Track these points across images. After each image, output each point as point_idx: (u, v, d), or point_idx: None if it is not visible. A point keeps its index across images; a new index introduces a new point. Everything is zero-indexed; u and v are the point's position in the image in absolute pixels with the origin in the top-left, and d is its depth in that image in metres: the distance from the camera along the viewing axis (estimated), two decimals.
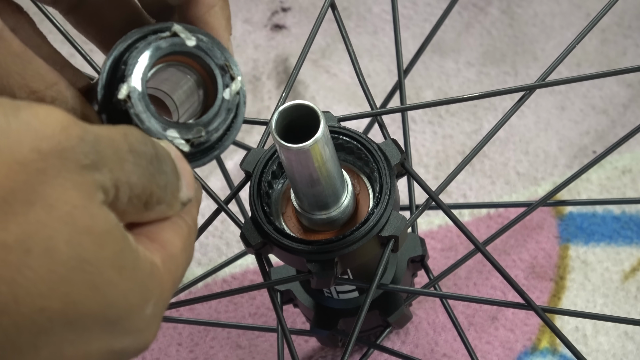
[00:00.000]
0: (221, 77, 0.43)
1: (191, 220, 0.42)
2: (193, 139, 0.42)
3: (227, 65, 0.43)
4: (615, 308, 0.67)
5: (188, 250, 0.40)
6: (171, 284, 0.38)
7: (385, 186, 0.52)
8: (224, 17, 0.46)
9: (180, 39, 0.43)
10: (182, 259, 0.40)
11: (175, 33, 0.43)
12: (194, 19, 0.46)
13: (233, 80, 0.43)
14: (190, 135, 0.42)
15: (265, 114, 0.77)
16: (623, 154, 0.73)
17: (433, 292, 0.59)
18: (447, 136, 0.75)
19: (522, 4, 0.81)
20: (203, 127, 0.42)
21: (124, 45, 0.42)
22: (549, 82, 0.60)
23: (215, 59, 0.43)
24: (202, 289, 0.71)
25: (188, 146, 0.42)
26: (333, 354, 0.67)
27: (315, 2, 0.83)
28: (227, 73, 0.43)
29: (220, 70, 0.43)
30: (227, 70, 0.43)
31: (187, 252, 0.40)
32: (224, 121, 0.43)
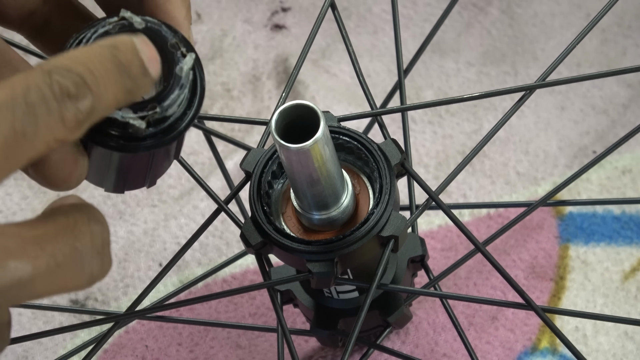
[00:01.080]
0: (172, 54, 0.43)
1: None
2: (148, 115, 0.42)
3: (178, 43, 0.43)
4: (615, 308, 0.67)
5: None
6: None
7: (385, 186, 0.52)
8: (184, 6, 0.46)
9: (129, 22, 0.43)
10: None
11: (124, 18, 0.43)
12: (154, 9, 0.46)
13: (185, 57, 0.43)
14: (144, 112, 0.42)
15: (265, 114, 0.77)
16: (623, 154, 0.73)
17: (433, 292, 0.59)
18: (447, 136, 0.75)
19: (522, 4, 0.81)
20: (157, 103, 0.42)
21: (77, 36, 0.43)
22: (549, 82, 0.60)
23: (165, 38, 0.43)
24: (202, 289, 0.71)
25: (145, 123, 0.42)
26: (333, 354, 0.67)
27: (315, 2, 0.83)
28: (178, 50, 0.43)
29: (170, 48, 0.43)
30: (178, 47, 0.43)
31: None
32: (177, 97, 0.43)
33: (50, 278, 0.36)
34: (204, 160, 0.76)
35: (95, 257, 0.38)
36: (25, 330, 0.69)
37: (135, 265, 0.72)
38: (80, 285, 0.38)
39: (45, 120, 0.35)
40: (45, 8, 0.47)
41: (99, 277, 0.38)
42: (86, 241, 0.37)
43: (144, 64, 0.39)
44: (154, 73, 0.40)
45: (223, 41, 0.81)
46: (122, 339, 0.69)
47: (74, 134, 0.36)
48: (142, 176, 0.47)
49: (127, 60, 0.38)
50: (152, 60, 0.40)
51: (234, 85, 0.79)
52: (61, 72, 0.36)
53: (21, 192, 0.75)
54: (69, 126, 0.36)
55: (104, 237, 0.38)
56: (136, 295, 0.57)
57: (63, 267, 0.36)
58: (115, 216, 0.74)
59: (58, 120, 0.36)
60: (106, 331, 0.56)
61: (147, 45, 0.40)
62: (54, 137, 0.36)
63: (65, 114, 0.36)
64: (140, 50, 0.39)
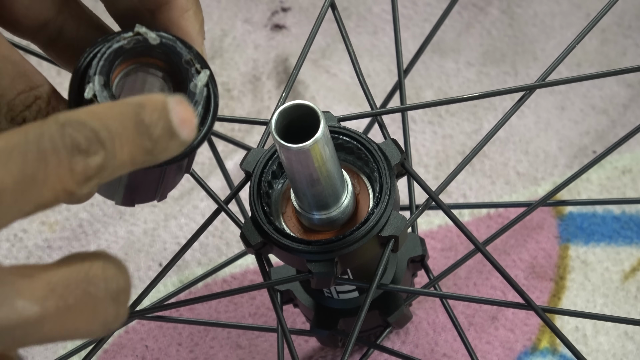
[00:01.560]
0: (186, 71, 0.43)
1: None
2: None
3: (192, 60, 0.43)
4: (615, 308, 0.67)
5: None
6: None
7: (385, 186, 0.52)
8: (198, 21, 0.46)
9: (143, 37, 0.43)
10: None
11: (138, 33, 0.43)
12: (168, 24, 0.46)
13: (199, 74, 0.43)
14: None
15: (265, 114, 0.77)
16: (623, 154, 0.73)
17: (433, 292, 0.59)
18: (447, 136, 0.75)
19: (522, 4, 0.81)
20: None
21: (91, 49, 0.43)
22: (549, 82, 0.60)
23: (180, 54, 0.43)
24: (202, 289, 0.71)
25: None
26: (333, 354, 0.67)
27: (315, 2, 0.83)
28: (193, 67, 0.43)
29: (185, 64, 0.43)
30: (193, 64, 0.43)
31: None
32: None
33: (60, 321, 0.36)
34: (204, 160, 0.76)
35: (110, 304, 0.37)
36: None
37: (135, 265, 0.72)
38: (93, 331, 0.37)
39: (55, 169, 0.35)
40: (60, 18, 0.47)
41: (114, 323, 0.37)
42: (100, 286, 0.37)
43: (171, 126, 0.38)
44: (186, 136, 0.38)
45: (223, 41, 0.81)
46: (122, 339, 0.69)
47: (82, 189, 0.36)
48: (153, 190, 0.47)
49: (151, 121, 0.37)
50: (185, 122, 0.38)
51: (234, 85, 0.79)
52: (74, 125, 0.36)
53: None
54: (77, 179, 0.36)
55: (119, 284, 0.37)
56: (136, 295, 0.57)
57: (74, 310, 0.36)
58: (115, 216, 0.74)
59: (67, 171, 0.35)
60: None
61: (182, 106, 0.39)
62: (62, 187, 0.35)
63: (75, 167, 0.35)
64: (171, 110, 0.38)
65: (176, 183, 0.48)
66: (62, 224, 0.73)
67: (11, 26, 0.46)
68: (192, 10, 0.46)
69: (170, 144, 0.38)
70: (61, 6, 0.47)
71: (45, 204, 0.36)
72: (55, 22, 0.47)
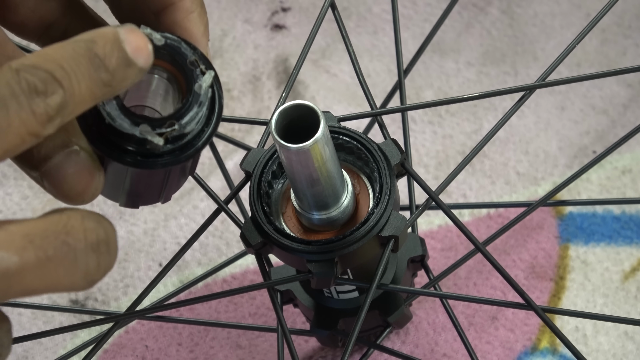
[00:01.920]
0: (191, 72, 0.43)
1: None
2: (166, 132, 0.42)
3: (197, 61, 0.43)
4: (615, 308, 0.67)
5: None
6: None
7: (385, 186, 0.52)
8: (202, 23, 0.47)
9: (148, 38, 0.43)
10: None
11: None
12: (173, 25, 0.46)
13: (204, 75, 0.43)
14: (163, 128, 0.42)
15: (265, 114, 0.77)
16: (623, 154, 0.73)
17: (433, 292, 0.59)
18: (447, 136, 0.75)
19: (522, 4, 0.81)
20: (175, 120, 0.42)
21: None
22: (549, 82, 0.60)
23: (185, 55, 0.43)
24: (202, 289, 0.71)
25: (163, 140, 0.42)
26: (333, 354, 0.67)
27: (315, 2, 0.83)
28: (198, 68, 0.43)
29: (190, 65, 0.43)
30: (197, 65, 0.43)
31: None
32: (196, 114, 0.43)
33: (41, 272, 0.36)
34: (204, 160, 0.76)
35: (90, 254, 0.38)
36: (25, 330, 0.69)
37: (135, 265, 0.72)
38: (75, 282, 0.38)
39: (17, 113, 0.36)
40: (64, 20, 0.47)
41: (96, 274, 0.38)
42: (79, 236, 0.37)
43: (126, 55, 0.39)
44: (142, 62, 0.39)
45: (223, 41, 0.81)
46: (122, 339, 0.69)
47: (47, 128, 0.37)
48: (157, 192, 0.47)
49: (104, 53, 0.38)
50: (139, 49, 0.39)
51: (234, 85, 0.79)
52: (28, 70, 0.36)
53: (21, 192, 0.75)
54: (40, 120, 0.36)
55: (99, 234, 0.38)
56: (136, 295, 0.57)
57: (54, 260, 0.36)
58: (115, 216, 0.74)
59: (29, 114, 0.36)
60: (106, 331, 0.56)
61: (134, 34, 0.39)
62: (27, 130, 0.36)
63: (35, 108, 0.36)
64: (124, 40, 0.39)
65: (180, 185, 0.48)
66: None
67: (16, 28, 0.46)
68: (196, 12, 0.46)
69: (128, 73, 0.39)
70: (65, 8, 0.47)
71: (14, 149, 0.36)
72: (59, 24, 0.47)
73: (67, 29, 0.47)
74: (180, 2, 0.46)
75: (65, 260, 0.37)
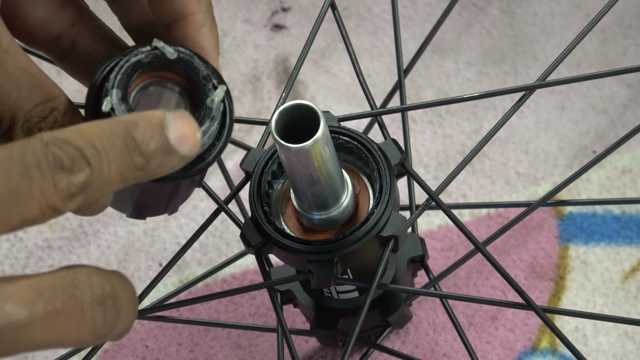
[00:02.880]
0: (203, 86, 0.43)
1: None
2: None
3: (209, 75, 0.43)
4: (615, 308, 0.67)
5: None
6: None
7: (385, 186, 0.52)
8: (213, 37, 0.47)
9: (161, 52, 0.43)
10: None
11: (156, 47, 0.43)
12: (184, 39, 0.46)
13: (216, 89, 0.43)
14: None
15: (265, 114, 0.77)
16: (623, 154, 0.73)
17: (433, 292, 0.59)
18: (447, 136, 0.75)
19: (522, 4, 0.81)
20: None
21: (108, 63, 0.43)
22: (549, 82, 0.60)
23: (197, 69, 0.44)
24: (202, 289, 0.71)
25: None
26: (333, 354, 0.67)
27: (315, 2, 0.83)
28: (210, 82, 0.43)
29: (202, 79, 0.43)
30: (210, 79, 0.43)
31: None
32: (208, 128, 0.43)
33: (50, 325, 0.37)
34: None
35: (96, 308, 0.38)
36: None
37: (135, 265, 0.72)
38: (83, 337, 0.38)
39: (39, 185, 0.36)
40: (74, 30, 0.47)
41: (103, 329, 0.38)
42: (85, 290, 0.38)
43: (167, 142, 0.39)
44: (186, 151, 0.39)
45: (223, 41, 0.81)
46: (122, 339, 0.69)
47: (68, 205, 0.37)
48: (164, 204, 0.47)
49: (142, 137, 0.38)
50: (185, 137, 0.39)
51: (234, 85, 0.79)
52: (58, 143, 0.36)
53: None
54: (61, 195, 0.36)
55: (105, 288, 0.38)
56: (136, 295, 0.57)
57: (62, 314, 0.37)
58: (116, 216, 0.74)
59: (51, 187, 0.36)
60: None
61: (183, 120, 0.39)
62: (47, 203, 0.36)
63: (58, 183, 0.36)
64: (169, 125, 0.39)
65: (187, 197, 0.48)
66: (62, 224, 0.73)
67: (26, 38, 0.47)
68: (207, 26, 0.46)
69: (167, 160, 0.39)
70: (75, 19, 0.47)
71: (32, 219, 0.36)
72: (69, 34, 0.47)
73: (76, 40, 0.47)
74: (191, 16, 0.46)
75: (73, 314, 0.37)
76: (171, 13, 0.45)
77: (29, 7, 0.45)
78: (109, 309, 0.38)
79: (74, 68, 0.48)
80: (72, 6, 0.47)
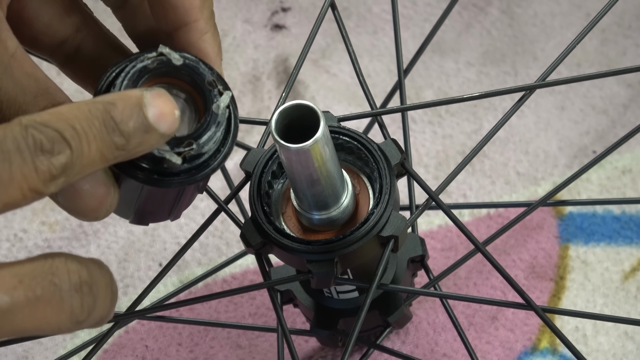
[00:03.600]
0: (209, 92, 0.43)
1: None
2: (184, 152, 0.42)
3: (215, 81, 0.44)
4: (615, 308, 0.67)
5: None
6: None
7: (385, 186, 0.52)
8: (216, 43, 0.47)
9: (167, 58, 0.43)
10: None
11: (162, 53, 0.43)
12: (187, 46, 0.46)
13: (221, 95, 0.44)
14: (181, 148, 0.42)
15: (265, 114, 0.77)
16: (623, 154, 0.73)
17: (433, 292, 0.59)
18: (447, 136, 0.75)
19: (522, 4, 0.81)
20: (193, 140, 0.42)
21: (114, 69, 0.43)
22: (549, 82, 0.60)
23: (203, 75, 0.44)
24: (202, 289, 0.71)
25: (181, 159, 0.42)
26: (333, 354, 0.67)
27: (315, 2, 0.83)
28: (215, 88, 0.44)
29: (208, 85, 0.43)
30: (215, 85, 0.43)
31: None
32: (213, 134, 0.43)
33: (30, 311, 0.37)
34: None
35: (75, 295, 0.38)
36: None
37: (135, 265, 0.72)
38: (62, 323, 0.38)
39: (20, 168, 0.36)
40: (78, 36, 0.47)
41: (80, 315, 0.39)
42: (63, 277, 0.38)
43: (146, 120, 0.39)
44: (165, 129, 0.40)
45: (223, 41, 0.81)
46: (122, 339, 0.69)
47: (49, 187, 0.37)
48: (168, 210, 0.47)
49: (121, 117, 0.38)
50: (163, 115, 0.39)
51: (234, 85, 0.79)
52: (37, 127, 0.37)
53: None
54: (43, 178, 0.37)
55: (82, 275, 0.39)
56: (136, 295, 0.57)
57: (42, 300, 0.37)
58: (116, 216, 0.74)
59: (32, 170, 0.36)
60: (106, 331, 0.56)
61: (161, 98, 0.40)
62: (28, 186, 0.36)
63: (39, 165, 0.36)
64: (147, 104, 0.39)
65: (190, 203, 0.48)
66: (62, 224, 0.73)
67: (30, 43, 0.47)
68: (210, 32, 0.46)
69: (147, 138, 0.39)
70: (80, 25, 0.47)
71: (14, 203, 0.37)
72: (73, 40, 0.47)
73: (80, 45, 0.47)
74: (194, 23, 0.46)
75: (52, 300, 0.38)
76: (174, 20, 0.46)
77: (34, 12, 0.46)
78: (86, 296, 0.39)
79: (77, 74, 0.48)
80: (77, 12, 0.47)
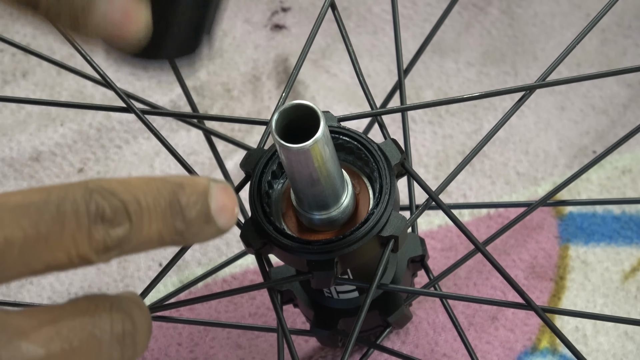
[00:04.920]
0: None
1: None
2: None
3: None
4: (615, 308, 0.68)
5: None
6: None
7: (385, 186, 0.52)
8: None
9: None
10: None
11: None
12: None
13: None
14: None
15: (265, 114, 0.77)
16: (623, 154, 0.73)
17: (433, 292, 0.59)
18: (447, 136, 0.75)
19: (522, 4, 0.81)
20: None
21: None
22: (549, 82, 0.60)
23: None
24: (202, 289, 0.71)
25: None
26: (333, 354, 0.67)
27: (315, 2, 0.83)
28: None
29: None
30: None
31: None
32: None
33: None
34: (204, 160, 0.76)
35: (115, 347, 0.36)
36: None
37: (135, 265, 0.72)
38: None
39: (72, 233, 0.34)
40: None
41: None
42: (105, 328, 0.36)
43: (208, 212, 0.37)
44: (223, 223, 0.38)
45: (223, 41, 0.81)
46: None
47: (100, 257, 0.35)
48: (201, 22, 0.42)
49: (187, 203, 0.37)
50: (224, 209, 0.38)
51: (234, 85, 0.79)
52: (104, 193, 0.35)
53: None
54: (95, 247, 0.35)
55: (125, 326, 0.37)
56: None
57: (78, 353, 0.35)
58: None
59: (85, 237, 0.35)
60: None
61: (225, 192, 0.38)
62: (77, 252, 0.35)
63: (95, 234, 0.35)
64: (212, 195, 0.38)
65: (219, 15, 0.44)
66: None
67: None
68: None
69: (205, 229, 0.38)
70: None
71: (58, 266, 0.35)
72: None
73: None
74: None
75: (89, 353, 0.36)
76: None
77: None
78: (128, 347, 0.37)
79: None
80: None
